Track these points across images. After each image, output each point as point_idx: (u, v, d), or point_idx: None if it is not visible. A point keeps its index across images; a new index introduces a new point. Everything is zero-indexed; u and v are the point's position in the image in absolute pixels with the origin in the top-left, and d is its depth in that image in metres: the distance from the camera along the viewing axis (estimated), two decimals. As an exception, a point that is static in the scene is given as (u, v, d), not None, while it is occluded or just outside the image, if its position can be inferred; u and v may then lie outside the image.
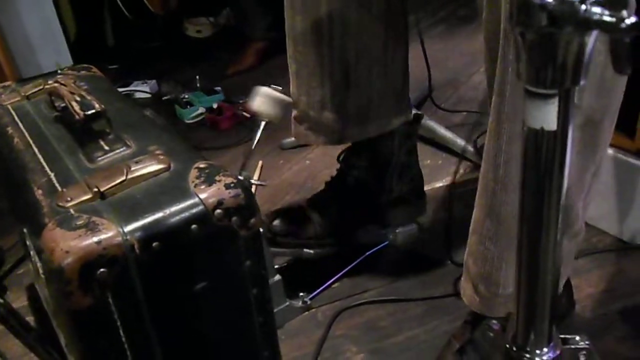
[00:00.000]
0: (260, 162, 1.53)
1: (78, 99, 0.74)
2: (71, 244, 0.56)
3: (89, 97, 0.75)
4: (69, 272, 0.55)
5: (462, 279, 0.81)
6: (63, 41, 2.33)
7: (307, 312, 1.04)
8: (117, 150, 0.71)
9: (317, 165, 1.49)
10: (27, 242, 0.70)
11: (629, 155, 1.05)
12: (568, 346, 0.44)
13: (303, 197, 1.35)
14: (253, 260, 0.66)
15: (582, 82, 0.32)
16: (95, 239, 0.56)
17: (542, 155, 0.36)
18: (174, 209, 0.60)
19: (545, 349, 0.43)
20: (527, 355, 0.43)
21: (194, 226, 0.60)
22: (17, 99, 0.93)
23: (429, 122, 1.50)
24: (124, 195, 0.63)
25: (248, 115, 1.74)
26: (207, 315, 0.65)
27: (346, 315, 1.03)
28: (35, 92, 0.94)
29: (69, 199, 0.62)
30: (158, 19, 2.48)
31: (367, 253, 1.13)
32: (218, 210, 0.61)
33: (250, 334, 0.69)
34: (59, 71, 1.03)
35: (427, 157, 1.44)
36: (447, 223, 1.16)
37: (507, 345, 0.43)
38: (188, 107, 1.82)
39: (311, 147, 1.56)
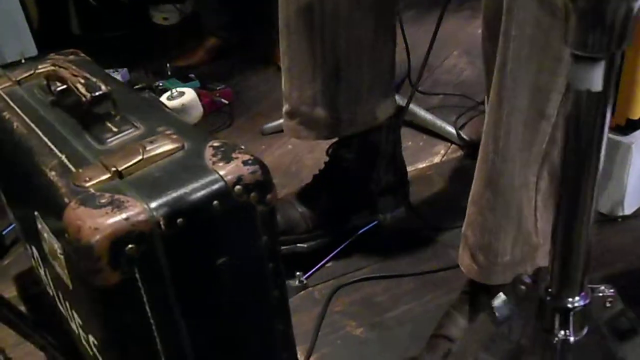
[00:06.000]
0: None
1: (82, 81, 0.74)
2: (99, 221, 0.56)
3: (93, 79, 0.74)
4: (98, 249, 0.55)
5: (460, 248, 0.84)
6: (27, 30, 2.26)
7: (303, 291, 1.06)
8: (126, 132, 0.71)
9: (299, 149, 1.51)
10: (39, 225, 0.70)
11: (609, 131, 1.10)
12: (596, 294, 0.48)
13: (288, 182, 1.37)
14: (269, 235, 0.67)
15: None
16: (123, 215, 0.56)
17: (589, 114, 0.39)
18: (195, 185, 0.61)
19: (577, 297, 0.46)
20: (562, 304, 0.46)
21: (215, 202, 0.61)
22: (8, 84, 0.91)
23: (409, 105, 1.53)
24: (142, 174, 0.63)
25: (225, 102, 1.74)
26: (227, 290, 0.66)
27: (342, 293, 1.06)
28: (27, 76, 0.92)
29: (87, 178, 0.62)
30: (124, 6, 2.44)
31: (359, 232, 1.15)
32: (238, 187, 0.62)
33: (266, 307, 0.70)
34: (50, 56, 1.01)
35: (408, 139, 1.48)
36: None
37: (541, 296, 0.46)
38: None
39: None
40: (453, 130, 1.45)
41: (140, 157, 0.64)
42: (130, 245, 0.57)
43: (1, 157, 0.88)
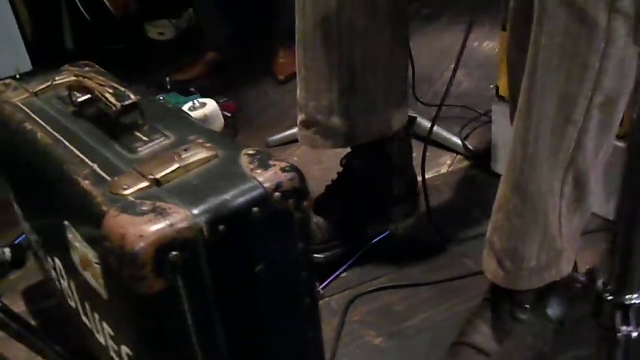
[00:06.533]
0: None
1: (110, 90, 0.74)
2: (143, 228, 0.56)
3: (122, 89, 0.74)
4: (143, 257, 0.55)
5: (485, 255, 0.85)
6: (22, 45, 2.25)
7: (321, 302, 1.05)
8: (157, 141, 0.71)
9: (305, 161, 1.51)
10: (69, 235, 0.69)
11: (617, 140, 1.12)
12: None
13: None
14: (304, 243, 0.67)
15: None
16: (167, 222, 0.56)
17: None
18: (236, 192, 0.61)
19: (636, 295, 0.47)
20: (622, 301, 0.46)
21: (255, 209, 0.61)
22: (25, 96, 0.91)
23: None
24: (181, 182, 0.63)
25: (229, 114, 1.74)
26: (264, 297, 0.65)
27: (360, 303, 1.06)
28: (44, 88, 0.92)
29: (125, 187, 0.62)
30: (118, 21, 2.43)
31: (373, 241, 1.15)
32: (277, 193, 0.62)
33: (299, 315, 0.70)
34: (64, 67, 1.01)
35: (413, 151, 1.48)
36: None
37: (599, 293, 0.47)
38: (165, 108, 1.80)
39: (298, 143, 1.58)
40: (459, 141, 1.46)
41: (177, 166, 0.64)
42: (174, 253, 0.56)
43: (19, 168, 0.87)
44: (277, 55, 2.05)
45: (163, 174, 0.63)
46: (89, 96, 0.83)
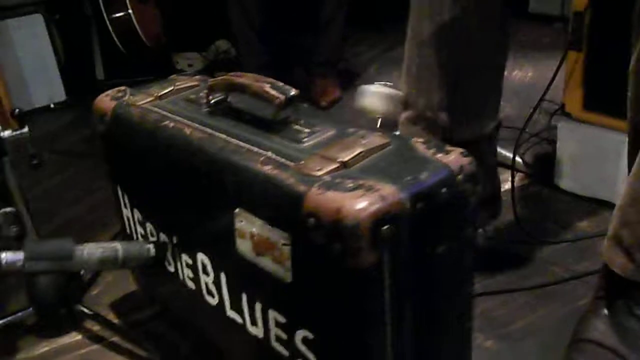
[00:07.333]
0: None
1: (268, 85, 0.76)
2: (357, 201, 0.57)
3: (279, 83, 0.77)
4: (362, 229, 0.56)
5: (610, 251, 0.87)
6: (58, 75, 2.27)
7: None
8: (319, 132, 0.73)
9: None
10: (239, 223, 0.70)
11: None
12: None
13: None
14: (472, 228, 0.69)
15: None
16: (379, 196, 0.58)
17: None
18: (427, 172, 0.63)
19: None
20: None
21: (444, 189, 0.63)
22: (150, 99, 0.92)
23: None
24: (367, 164, 0.65)
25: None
26: (440, 279, 0.67)
27: (460, 308, 1.07)
28: (166, 92, 0.94)
29: (317, 168, 0.64)
30: (150, 52, 2.47)
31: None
32: (460, 176, 0.65)
33: (461, 301, 0.72)
34: (171, 77, 1.03)
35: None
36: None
37: None
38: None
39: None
40: (518, 159, 1.50)
41: (360, 150, 0.66)
42: (386, 226, 0.58)
43: (151, 166, 0.88)
44: (315, 84, 2.10)
45: (349, 157, 0.65)
46: (222, 96, 0.86)
